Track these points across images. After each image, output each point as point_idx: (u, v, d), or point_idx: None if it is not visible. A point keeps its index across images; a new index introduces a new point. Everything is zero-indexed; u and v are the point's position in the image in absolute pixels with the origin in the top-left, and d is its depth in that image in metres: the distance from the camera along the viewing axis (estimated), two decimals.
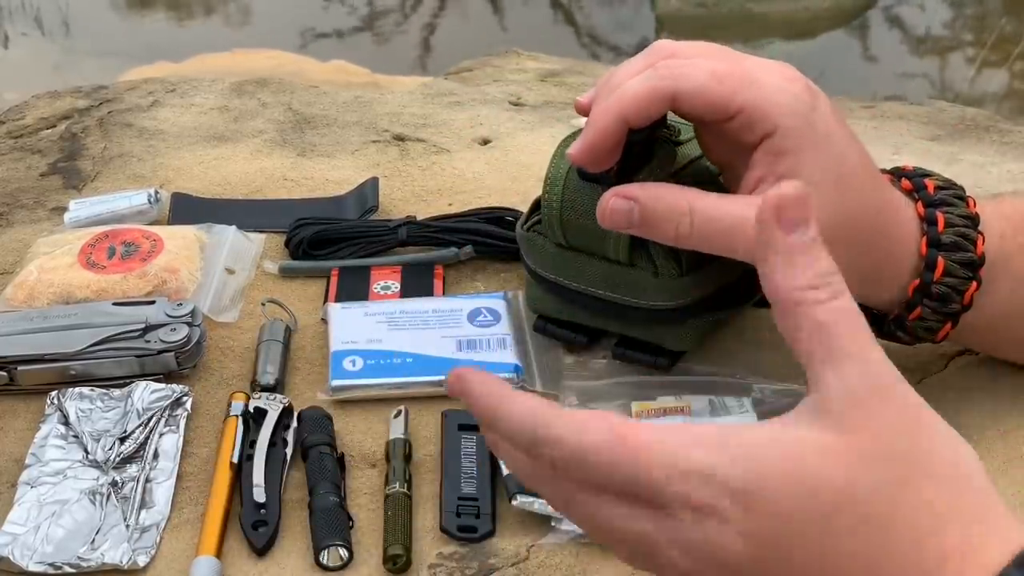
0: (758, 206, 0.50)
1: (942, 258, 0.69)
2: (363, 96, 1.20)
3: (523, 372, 0.78)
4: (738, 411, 0.73)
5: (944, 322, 0.71)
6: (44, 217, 0.98)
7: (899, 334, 0.72)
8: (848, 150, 0.68)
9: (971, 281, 0.69)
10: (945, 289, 0.69)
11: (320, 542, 0.66)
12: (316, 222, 0.92)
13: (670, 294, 0.73)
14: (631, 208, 0.68)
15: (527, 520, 0.68)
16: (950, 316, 0.71)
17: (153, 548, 0.67)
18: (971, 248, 0.69)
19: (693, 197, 0.67)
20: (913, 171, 0.73)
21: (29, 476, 0.71)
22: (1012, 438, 0.74)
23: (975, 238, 0.69)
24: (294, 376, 0.80)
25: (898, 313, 0.71)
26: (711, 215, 0.67)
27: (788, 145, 0.67)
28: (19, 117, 1.16)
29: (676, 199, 0.67)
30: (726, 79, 0.67)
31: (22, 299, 0.84)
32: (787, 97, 0.67)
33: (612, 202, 0.68)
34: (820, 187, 0.66)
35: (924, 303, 0.70)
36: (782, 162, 0.67)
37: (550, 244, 0.76)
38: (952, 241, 0.69)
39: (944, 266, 0.69)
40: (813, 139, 0.67)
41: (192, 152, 1.08)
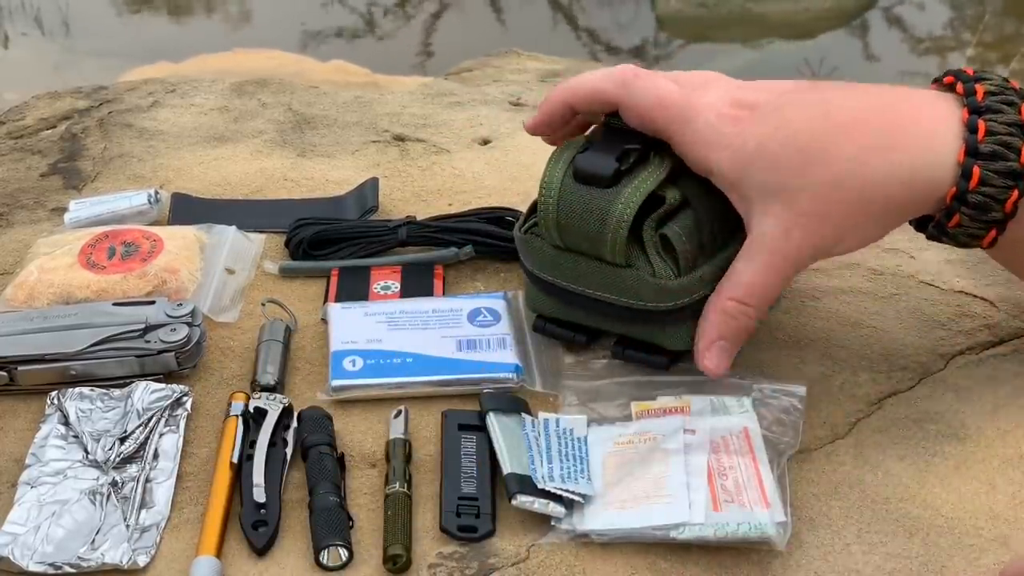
0: None
1: (978, 167, 0.68)
2: (363, 96, 1.20)
3: (523, 372, 0.78)
4: (738, 411, 0.73)
5: (988, 229, 0.71)
6: (44, 217, 0.98)
7: (943, 239, 0.73)
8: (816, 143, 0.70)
9: (1011, 190, 0.69)
10: (982, 198, 0.69)
11: (320, 542, 0.66)
12: (316, 222, 0.92)
13: (668, 295, 0.73)
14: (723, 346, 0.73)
15: (527, 520, 0.68)
16: (993, 223, 0.70)
17: (153, 548, 0.67)
18: (1014, 157, 0.68)
19: (731, 293, 0.73)
20: (971, 75, 0.72)
21: (29, 476, 0.71)
22: (1012, 438, 0.74)
23: (1019, 147, 0.69)
24: (294, 376, 0.80)
25: (938, 219, 0.71)
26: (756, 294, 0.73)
27: (726, 186, 0.73)
28: (19, 117, 1.16)
29: (727, 308, 0.73)
30: (670, 108, 0.72)
31: (22, 299, 0.84)
32: (716, 136, 0.71)
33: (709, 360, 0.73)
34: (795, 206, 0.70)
35: (962, 211, 0.70)
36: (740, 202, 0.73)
37: (547, 246, 0.76)
38: (991, 150, 0.68)
39: (980, 175, 0.68)
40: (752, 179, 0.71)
41: (192, 152, 1.08)
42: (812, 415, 0.75)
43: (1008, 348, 0.81)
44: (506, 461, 0.69)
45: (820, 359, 0.80)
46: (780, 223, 0.70)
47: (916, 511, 0.69)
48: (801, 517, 0.68)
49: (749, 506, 0.66)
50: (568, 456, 0.70)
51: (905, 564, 0.65)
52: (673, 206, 0.73)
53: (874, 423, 0.75)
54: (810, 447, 0.73)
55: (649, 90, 0.73)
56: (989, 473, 0.71)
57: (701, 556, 0.66)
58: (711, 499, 0.67)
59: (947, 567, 0.65)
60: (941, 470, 0.72)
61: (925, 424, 0.75)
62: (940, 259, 0.90)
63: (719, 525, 0.65)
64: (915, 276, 0.88)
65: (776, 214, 0.70)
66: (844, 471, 0.71)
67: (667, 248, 0.73)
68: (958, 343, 0.82)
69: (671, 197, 0.73)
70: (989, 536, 0.67)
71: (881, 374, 0.79)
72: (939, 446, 0.73)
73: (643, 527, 0.66)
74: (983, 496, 0.70)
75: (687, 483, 0.68)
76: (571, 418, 0.74)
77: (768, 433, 0.71)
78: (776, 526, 0.65)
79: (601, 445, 0.72)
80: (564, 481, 0.68)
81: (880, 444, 0.73)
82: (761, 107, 0.72)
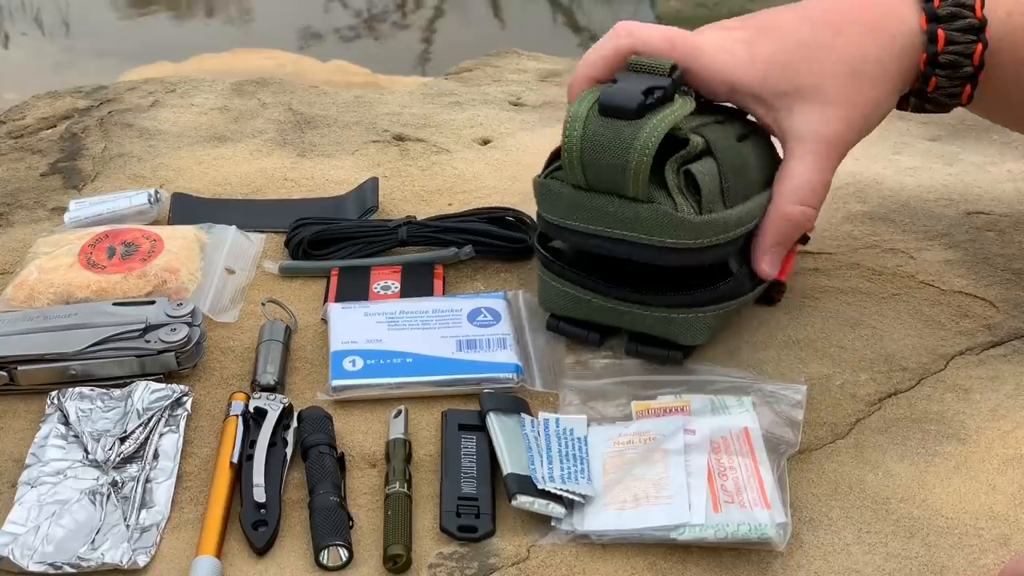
0: None
1: (942, 30, 0.77)
2: (363, 96, 1.20)
3: (523, 372, 0.78)
4: (738, 411, 0.73)
5: (963, 85, 0.78)
6: (44, 217, 0.98)
7: (927, 106, 0.81)
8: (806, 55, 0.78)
9: (976, 44, 0.77)
10: (951, 57, 0.77)
11: (320, 542, 0.66)
12: (316, 222, 0.92)
13: (689, 231, 0.73)
14: (777, 252, 0.79)
15: (527, 520, 0.68)
16: (966, 79, 0.78)
17: (153, 548, 0.67)
18: (970, 13, 0.77)
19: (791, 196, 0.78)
20: None
21: (29, 476, 0.71)
22: (1012, 438, 0.74)
23: (973, 3, 0.77)
24: (294, 376, 0.80)
25: (918, 87, 0.79)
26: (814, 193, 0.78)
27: (751, 101, 0.79)
28: (19, 117, 1.16)
29: (788, 212, 0.78)
30: (678, 45, 0.78)
31: (22, 299, 0.84)
32: (730, 59, 0.78)
33: (767, 265, 0.79)
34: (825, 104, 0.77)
35: (936, 73, 0.78)
36: (769, 114, 0.79)
37: (567, 188, 0.76)
38: (949, 12, 0.77)
39: (945, 36, 0.77)
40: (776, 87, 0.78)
41: (192, 152, 1.08)
42: (812, 415, 0.75)
43: (1008, 348, 0.81)
44: (506, 461, 0.69)
45: (820, 359, 0.80)
46: (817, 116, 0.77)
47: (916, 511, 0.69)
48: (801, 517, 0.68)
49: (749, 507, 0.66)
50: (568, 456, 0.70)
51: (905, 564, 0.65)
52: (696, 151, 0.75)
53: (874, 423, 0.75)
54: (810, 447, 0.73)
55: (655, 30, 0.79)
56: (989, 473, 0.71)
57: (701, 557, 0.66)
58: (711, 500, 0.67)
59: (947, 567, 0.65)
60: (941, 470, 0.72)
61: (925, 424, 0.75)
62: (940, 259, 0.90)
63: (719, 526, 0.65)
64: (915, 276, 0.88)
65: (810, 110, 0.77)
66: (844, 471, 0.71)
67: (690, 186, 0.74)
68: (958, 343, 0.82)
69: (695, 142, 0.74)
70: (989, 536, 0.67)
71: (881, 374, 0.79)
72: (939, 446, 0.73)
73: (643, 528, 0.66)
74: (983, 496, 0.70)
75: (687, 484, 0.68)
76: (571, 418, 0.74)
77: (768, 433, 0.71)
78: (776, 527, 0.65)
79: (601, 445, 0.72)
80: (564, 481, 0.68)
81: (880, 444, 0.73)
82: (756, 30, 0.79)
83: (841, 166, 1.00)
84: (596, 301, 0.78)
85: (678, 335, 0.77)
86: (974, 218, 0.96)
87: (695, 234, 0.74)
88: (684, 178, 0.74)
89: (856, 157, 1.05)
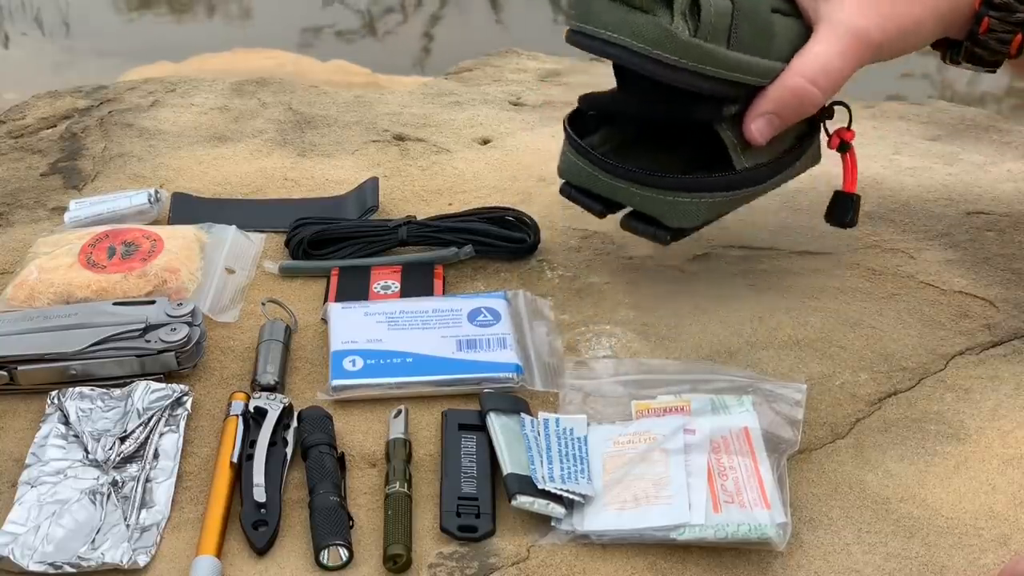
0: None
1: None
2: (363, 96, 1.20)
3: (523, 372, 0.78)
4: (738, 410, 0.73)
5: (1014, 31, 0.81)
6: (44, 217, 0.98)
7: (976, 51, 0.82)
8: None
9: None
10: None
11: (320, 542, 0.66)
12: (316, 222, 0.92)
13: (674, 48, 0.77)
14: (771, 119, 0.80)
15: (527, 520, 0.68)
16: (1019, 26, 0.80)
17: (153, 548, 0.67)
18: None
19: (803, 71, 0.80)
20: None
21: (29, 476, 0.71)
22: (1012, 438, 0.74)
23: None
24: (294, 376, 0.80)
25: (970, 28, 0.81)
26: (826, 74, 0.80)
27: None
28: (19, 117, 1.16)
29: (795, 84, 0.80)
30: None
31: (22, 299, 0.84)
32: None
33: (756, 126, 0.80)
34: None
35: (990, 14, 0.80)
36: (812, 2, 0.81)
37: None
38: None
39: None
40: None
41: (192, 152, 1.08)
42: (812, 415, 0.75)
43: (1008, 348, 0.81)
44: (506, 461, 0.69)
45: (820, 359, 0.80)
46: (852, 7, 0.79)
47: (916, 511, 0.69)
48: (801, 517, 0.68)
49: (749, 507, 0.66)
50: (568, 456, 0.70)
51: (905, 564, 0.65)
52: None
53: (874, 423, 0.75)
54: (810, 447, 0.73)
55: None
56: (989, 473, 0.71)
57: (701, 556, 0.66)
58: (711, 500, 0.67)
59: (947, 567, 0.65)
60: (941, 470, 0.72)
61: (925, 424, 0.75)
62: (940, 259, 0.90)
63: (719, 526, 0.65)
64: (915, 276, 0.88)
65: (851, 3, 0.79)
66: (844, 471, 0.71)
67: (694, 13, 0.77)
68: (958, 343, 0.82)
69: None
70: (989, 536, 0.67)
71: (881, 374, 0.79)
72: (939, 446, 0.73)
73: (643, 528, 0.66)
74: (983, 496, 0.70)
75: (687, 483, 0.68)
76: (571, 418, 0.74)
77: (768, 433, 0.71)
78: (776, 527, 0.65)
79: (601, 445, 0.72)
80: (564, 481, 0.68)
81: (880, 444, 0.73)
82: None
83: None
84: (602, 177, 0.82)
85: (667, 217, 0.81)
86: (974, 218, 0.96)
87: (681, 52, 0.77)
88: (691, 3, 0.77)
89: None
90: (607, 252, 0.92)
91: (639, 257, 0.91)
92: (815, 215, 0.96)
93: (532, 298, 0.85)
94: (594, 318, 0.84)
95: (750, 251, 0.92)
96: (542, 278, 0.89)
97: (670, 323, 0.84)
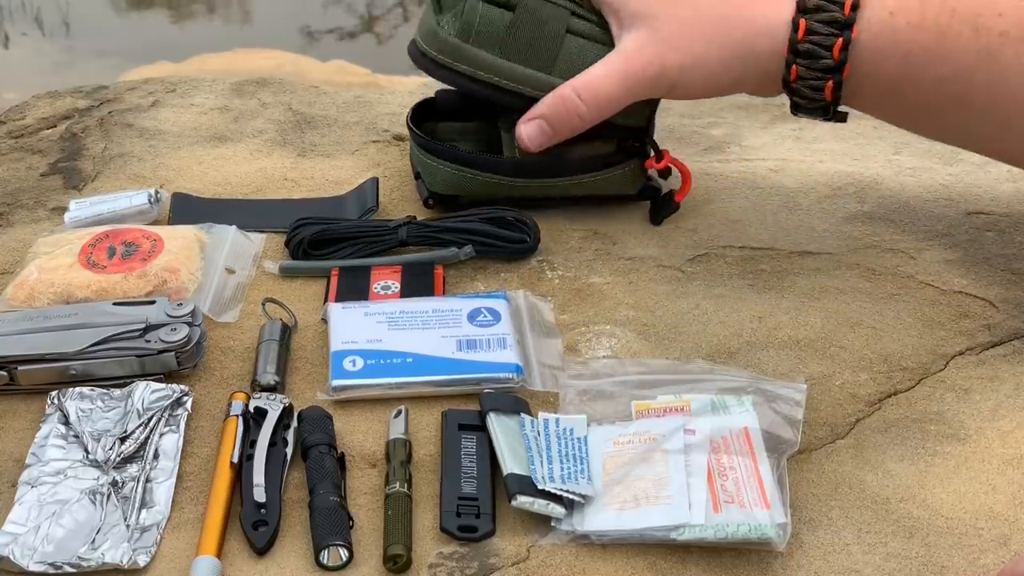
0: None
1: (804, 20, 0.81)
2: (363, 96, 1.20)
3: (523, 372, 0.78)
4: (738, 410, 0.73)
5: (824, 79, 0.82)
6: (44, 217, 0.98)
7: (795, 99, 0.85)
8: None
9: (837, 37, 0.80)
10: (809, 46, 0.81)
11: (320, 542, 0.66)
12: (316, 222, 0.92)
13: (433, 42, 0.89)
14: (538, 125, 0.87)
15: (527, 520, 0.68)
16: (827, 72, 0.82)
17: (153, 548, 0.67)
18: (837, 10, 0.80)
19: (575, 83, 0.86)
20: None
21: (29, 476, 0.71)
22: (1012, 438, 0.74)
23: (843, 1, 0.80)
24: (294, 376, 0.80)
25: (783, 76, 0.83)
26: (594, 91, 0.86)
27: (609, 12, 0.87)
28: (19, 117, 1.16)
29: (563, 93, 0.86)
30: None
31: (22, 299, 0.84)
32: None
33: (525, 129, 0.87)
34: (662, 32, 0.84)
35: (797, 61, 0.82)
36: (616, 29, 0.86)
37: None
38: (816, 5, 0.81)
39: (806, 26, 0.81)
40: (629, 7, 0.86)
41: (192, 152, 1.08)
42: (812, 415, 0.75)
43: (1008, 348, 0.81)
44: (506, 461, 0.69)
45: (820, 359, 0.80)
46: (640, 42, 0.85)
47: (916, 511, 0.69)
48: (801, 517, 0.68)
49: (749, 507, 0.66)
50: (568, 456, 0.70)
51: (905, 564, 0.65)
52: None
53: (874, 423, 0.75)
54: (810, 447, 0.73)
55: None
56: (989, 473, 0.71)
57: (701, 557, 0.66)
58: (711, 500, 0.67)
59: (947, 567, 0.65)
60: (941, 470, 0.72)
61: (925, 424, 0.75)
62: (940, 259, 0.90)
63: (719, 526, 0.65)
64: (915, 276, 0.89)
65: (639, 35, 0.85)
66: (844, 471, 0.71)
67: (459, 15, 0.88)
68: (958, 343, 0.82)
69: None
70: (989, 536, 0.67)
71: (881, 374, 0.79)
72: (939, 446, 0.73)
73: (643, 528, 0.66)
74: (983, 496, 0.70)
75: (687, 484, 0.68)
76: (571, 418, 0.74)
77: (768, 433, 0.71)
78: (776, 527, 0.65)
79: (601, 445, 0.72)
80: (564, 482, 0.68)
81: (880, 444, 0.73)
82: None
83: (841, 166, 1.01)
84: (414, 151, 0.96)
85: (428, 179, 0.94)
86: (974, 218, 0.96)
87: (437, 46, 0.89)
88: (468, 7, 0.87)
89: (855, 157, 1.06)
90: (607, 252, 0.92)
91: (639, 257, 0.91)
92: (815, 215, 0.96)
93: (532, 298, 0.85)
94: (594, 318, 0.84)
95: (750, 251, 0.92)
96: (542, 278, 0.89)
97: (670, 323, 0.84)
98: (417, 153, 0.95)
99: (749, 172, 1.03)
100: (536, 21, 0.88)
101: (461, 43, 0.88)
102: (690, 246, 0.92)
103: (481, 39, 0.88)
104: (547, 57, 0.88)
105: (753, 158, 1.06)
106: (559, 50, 0.88)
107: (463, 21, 0.88)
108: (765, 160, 1.06)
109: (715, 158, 1.06)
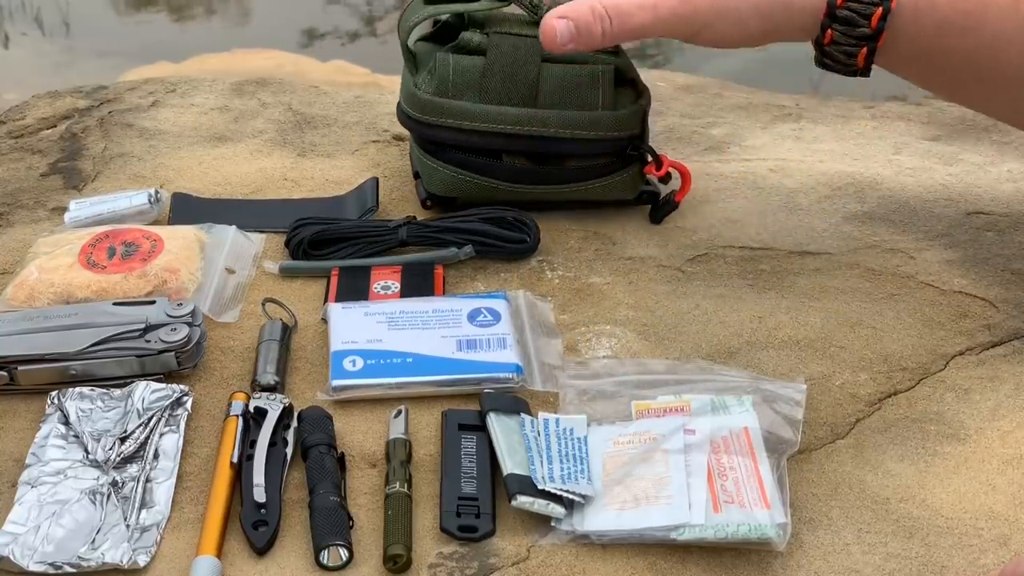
0: None
1: None
2: (363, 96, 1.20)
3: (523, 372, 0.78)
4: (738, 410, 0.73)
5: (859, 46, 0.80)
6: (44, 217, 0.99)
7: (826, 61, 0.83)
8: None
9: (876, 7, 0.79)
10: (848, 13, 0.79)
11: (320, 542, 0.66)
12: (316, 222, 0.92)
13: (416, 105, 0.91)
14: (567, 24, 0.83)
15: (527, 520, 0.68)
16: (863, 40, 0.80)
17: (153, 548, 0.67)
18: None
19: (606, 2, 0.83)
20: None
21: (29, 476, 0.71)
22: (1012, 438, 0.74)
23: None
24: (294, 376, 0.80)
25: (816, 38, 0.81)
26: (623, 16, 0.83)
27: None
28: (19, 117, 1.16)
29: (594, 6, 0.83)
30: None
31: (22, 299, 0.84)
32: None
33: (556, 24, 0.84)
34: None
35: (833, 27, 0.80)
36: None
37: None
38: None
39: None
40: None
41: (192, 152, 1.08)
42: (812, 415, 0.75)
43: (1008, 348, 0.81)
44: (506, 461, 0.69)
45: (820, 359, 0.80)
46: None
47: (916, 511, 0.69)
48: (801, 517, 0.68)
49: (749, 507, 0.66)
50: (568, 456, 0.70)
51: (905, 564, 0.65)
52: (468, 46, 0.91)
53: (874, 423, 0.75)
54: (810, 447, 0.73)
55: None
56: (989, 473, 0.71)
57: (701, 557, 0.66)
58: (711, 500, 0.67)
59: (947, 567, 0.65)
60: (941, 470, 0.72)
61: (925, 424, 0.75)
62: (940, 259, 0.90)
63: (719, 526, 0.65)
64: (915, 276, 0.89)
65: None
66: (844, 471, 0.71)
67: (433, 73, 0.91)
68: (958, 343, 0.82)
69: (467, 38, 0.90)
70: (989, 536, 0.67)
71: (881, 374, 0.79)
72: (939, 446, 0.73)
73: (643, 528, 0.66)
74: (983, 496, 0.70)
75: (687, 484, 0.68)
76: (571, 418, 0.74)
77: (768, 433, 0.71)
78: (776, 527, 0.65)
79: (601, 445, 0.72)
80: (564, 482, 0.68)
81: (880, 444, 0.73)
82: None
83: (841, 166, 1.01)
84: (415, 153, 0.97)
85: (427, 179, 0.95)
86: (974, 218, 0.96)
87: (420, 107, 0.91)
88: (439, 64, 0.90)
89: (855, 157, 1.06)
90: (607, 252, 0.92)
91: (639, 257, 0.91)
92: (815, 215, 0.96)
93: (532, 298, 0.85)
94: (594, 318, 0.84)
95: (750, 251, 0.92)
96: (542, 278, 0.89)
97: (670, 323, 0.84)
98: (417, 153, 0.95)
99: (749, 172, 1.03)
100: (509, 60, 0.89)
101: (440, 99, 0.90)
102: (690, 246, 0.92)
103: (459, 90, 0.90)
104: (527, 92, 0.89)
105: (753, 158, 1.06)
106: (539, 82, 0.89)
107: (438, 77, 0.90)
108: (765, 160, 1.06)
109: (715, 158, 1.06)
